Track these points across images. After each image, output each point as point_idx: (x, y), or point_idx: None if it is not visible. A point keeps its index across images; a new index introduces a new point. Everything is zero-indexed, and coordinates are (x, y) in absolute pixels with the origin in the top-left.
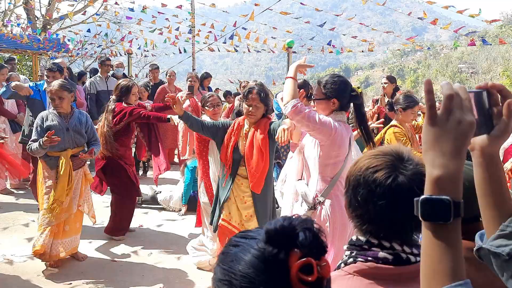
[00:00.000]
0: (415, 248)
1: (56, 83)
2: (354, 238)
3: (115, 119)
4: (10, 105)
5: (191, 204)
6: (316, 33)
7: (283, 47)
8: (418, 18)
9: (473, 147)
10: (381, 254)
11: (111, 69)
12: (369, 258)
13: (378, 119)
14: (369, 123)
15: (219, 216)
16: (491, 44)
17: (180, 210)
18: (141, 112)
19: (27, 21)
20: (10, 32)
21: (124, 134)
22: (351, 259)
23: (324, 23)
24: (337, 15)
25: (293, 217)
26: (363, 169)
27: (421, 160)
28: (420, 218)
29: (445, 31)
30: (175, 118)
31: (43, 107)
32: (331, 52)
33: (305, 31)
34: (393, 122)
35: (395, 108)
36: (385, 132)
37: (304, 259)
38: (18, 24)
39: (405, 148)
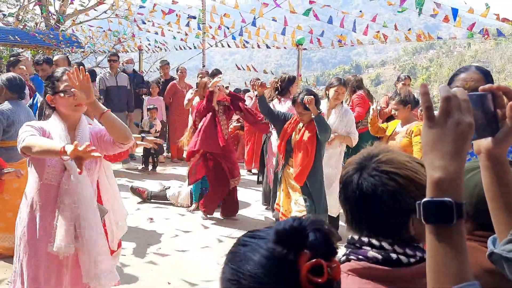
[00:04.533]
0: (409, 248)
1: None
2: (349, 236)
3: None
4: (28, 99)
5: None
6: (327, 30)
7: (293, 43)
8: (431, 15)
9: (479, 150)
10: (371, 253)
11: (117, 64)
12: (360, 257)
13: (388, 119)
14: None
15: (275, 200)
16: (505, 35)
17: (188, 206)
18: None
19: (41, 17)
20: (27, 28)
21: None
22: (344, 257)
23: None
24: (344, 13)
25: (303, 217)
26: (343, 172)
27: (391, 158)
28: (423, 221)
29: (458, 29)
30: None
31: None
32: (341, 46)
33: (316, 28)
34: None
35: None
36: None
37: (314, 260)
38: (32, 21)
39: (382, 147)
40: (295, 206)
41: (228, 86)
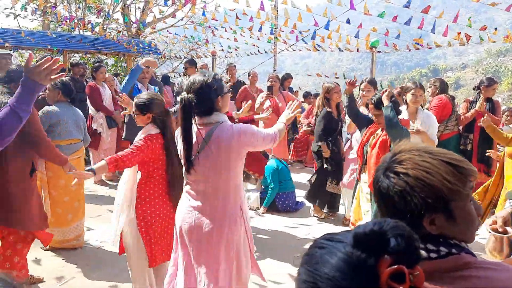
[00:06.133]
0: (432, 243)
1: None
2: None
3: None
4: (108, 102)
5: (270, 206)
6: (403, 31)
7: (367, 46)
8: None
9: None
10: None
11: (186, 70)
12: None
13: (470, 125)
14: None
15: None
16: None
17: (257, 209)
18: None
19: (124, 25)
20: (113, 36)
21: None
22: None
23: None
24: (423, 12)
25: (384, 221)
26: (377, 167)
27: (407, 158)
28: None
29: None
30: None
31: None
32: (417, 49)
33: (391, 30)
34: None
35: None
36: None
37: (395, 266)
38: (114, 29)
39: (404, 147)
40: (365, 216)
41: (298, 91)
